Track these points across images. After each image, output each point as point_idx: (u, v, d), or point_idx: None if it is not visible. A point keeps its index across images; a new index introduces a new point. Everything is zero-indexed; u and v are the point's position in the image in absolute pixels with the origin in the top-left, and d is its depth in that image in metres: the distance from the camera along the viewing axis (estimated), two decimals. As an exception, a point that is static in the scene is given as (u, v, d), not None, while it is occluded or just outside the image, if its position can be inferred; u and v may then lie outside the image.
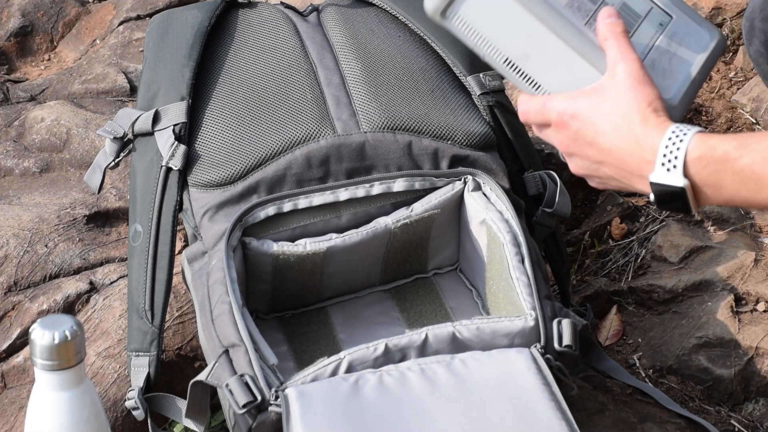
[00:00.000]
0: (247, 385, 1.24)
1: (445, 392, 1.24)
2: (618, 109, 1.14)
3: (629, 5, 1.22)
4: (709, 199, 1.11)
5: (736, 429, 1.52)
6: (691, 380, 1.57)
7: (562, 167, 1.81)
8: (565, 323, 1.31)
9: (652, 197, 1.13)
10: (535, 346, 1.29)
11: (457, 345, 1.30)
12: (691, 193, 1.10)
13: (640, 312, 1.67)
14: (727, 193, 1.10)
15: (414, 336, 1.29)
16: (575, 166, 1.20)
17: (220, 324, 1.31)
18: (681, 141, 1.10)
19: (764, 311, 1.65)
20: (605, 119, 1.14)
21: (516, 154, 1.54)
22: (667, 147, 1.11)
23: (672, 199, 1.11)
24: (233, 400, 1.24)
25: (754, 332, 1.60)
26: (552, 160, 1.82)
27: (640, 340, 1.62)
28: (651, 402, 1.51)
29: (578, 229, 1.80)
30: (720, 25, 2.12)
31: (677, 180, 1.10)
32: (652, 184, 1.12)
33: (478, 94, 1.51)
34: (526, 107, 1.20)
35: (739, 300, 1.66)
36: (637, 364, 1.59)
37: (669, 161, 1.11)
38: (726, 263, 1.70)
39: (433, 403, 1.23)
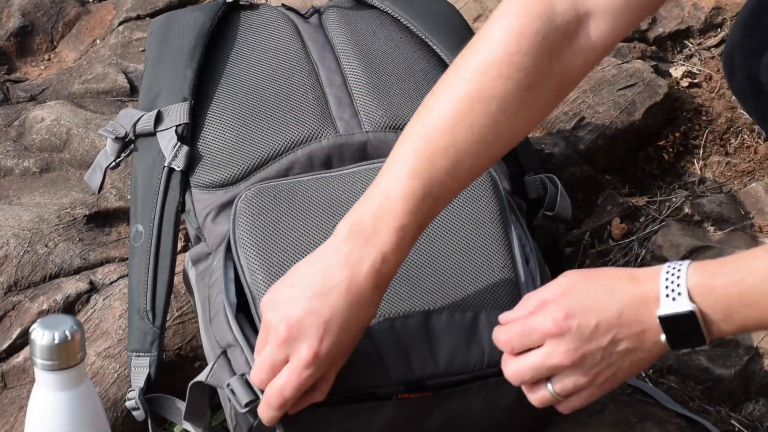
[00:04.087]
0: (248, 383, 1.24)
1: None
2: (601, 282, 1.15)
3: None
4: (720, 327, 1.12)
5: (736, 429, 1.52)
6: (691, 380, 1.57)
7: (561, 169, 1.81)
8: None
9: (663, 338, 1.14)
10: None
11: None
12: (701, 318, 1.11)
13: (640, 312, 1.67)
14: (739, 318, 1.11)
15: None
16: (583, 377, 1.17)
17: (217, 324, 1.32)
18: (679, 271, 1.12)
19: (764, 311, 1.65)
20: (596, 295, 1.15)
21: (516, 156, 1.54)
22: (667, 279, 1.12)
23: (684, 330, 1.12)
24: (235, 400, 1.24)
25: (754, 332, 1.60)
26: (552, 160, 1.82)
27: (640, 340, 1.62)
28: (651, 402, 1.50)
29: (578, 229, 1.80)
30: (720, 25, 2.12)
31: (684, 305, 1.11)
32: (661, 319, 1.12)
33: (479, 96, 1.51)
34: (507, 336, 1.18)
35: (739, 300, 1.66)
36: (637, 364, 1.58)
37: (672, 291, 1.12)
38: (726, 263, 1.70)
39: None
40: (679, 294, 1.11)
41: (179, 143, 1.44)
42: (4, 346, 1.55)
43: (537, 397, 1.18)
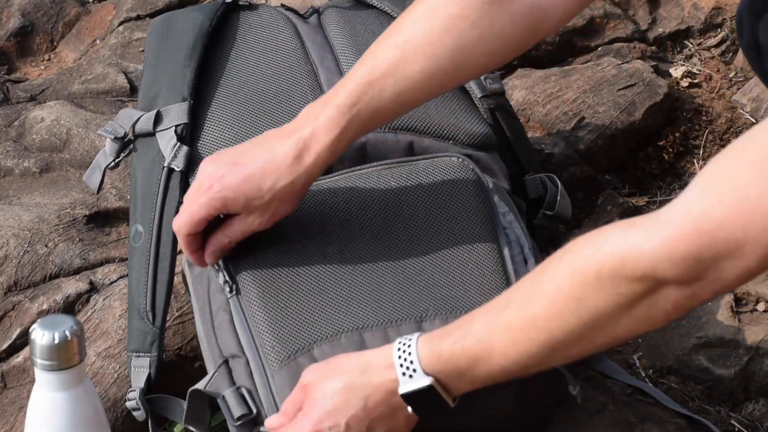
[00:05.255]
0: (243, 397, 1.25)
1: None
2: (338, 380, 1.19)
3: None
4: (458, 387, 1.16)
5: (736, 429, 1.52)
6: (691, 380, 1.57)
7: (561, 169, 1.81)
8: None
9: (410, 409, 1.17)
10: None
11: None
12: (440, 387, 1.15)
13: (640, 312, 1.67)
14: (470, 375, 1.14)
15: None
16: None
17: (222, 333, 1.31)
18: (409, 347, 1.16)
19: (764, 311, 1.65)
20: (337, 394, 1.19)
21: (516, 156, 1.54)
22: (400, 357, 1.16)
23: (427, 401, 1.16)
24: (228, 412, 1.24)
25: (754, 332, 1.60)
26: (552, 160, 1.82)
27: (639, 340, 1.62)
28: (651, 402, 1.50)
29: (578, 229, 1.80)
30: (720, 25, 2.12)
31: (422, 381, 1.15)
32: (403, 396, 1.16)
33: (478, 96, 1.52)
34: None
35: (739, 300, 1.66)
36: (637, 364, 1.59)
37: (407, 368, 1.15)
38: (726, 263, 1.70)
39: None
40: (414, 371, 1.15)
41: (179, 143, 1.44)
42: (4, 346, 1.55)
43: None
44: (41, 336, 1.17)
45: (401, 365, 1.16)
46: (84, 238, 1.68)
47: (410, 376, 1.15)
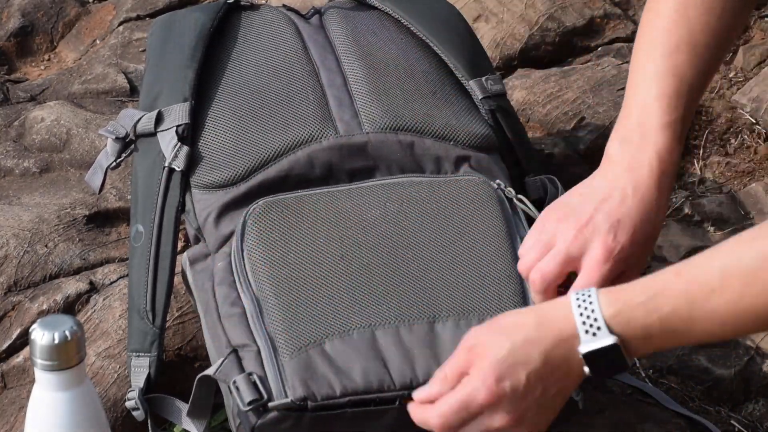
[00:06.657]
0: (254, 383, 1.25)
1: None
2: (511, 335, 1.13)
3: None
4: (639, 350, 1.12)
5: (736, 429, 1.52)
6: (691, 380, 1.57)
7: (561, 170, 1.81)
8: None
9: (587, 370, 1.13)
10: None
11: None
12: (623, 347, 1.11)
13: (641, 312, 1.67)
14: (659, 343, 1.12)
15: None
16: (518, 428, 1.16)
17: (231, 325, 1.32)
18: (591, 303, 1.12)
19: (764, 311, 1.65)
20: (514, 348, 1.13)
21: (517, 158, 1.54)
22: (582, 315, 1.12)
23: (608, 361, 1.12)
24: (239, 397, 1.24)
25: (753, 334, 1.61)
26: (552, 160, 1.82)
27: (639, 340, 1.62)
28: (651, 402, 1.51)
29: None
30: (720, 26, 2.12)
31: (606, 339, 1.11)
32: (585, 355, 1.12)
33: (480, 98, 1.52)
34: (441, 418, 1.16)
35: (739, 300, 1.66)
36: (637, 364, 1.59)
37: (590, 326, 1.11)
38: (726, 263, 1.70)
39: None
40: (598, 329, 1.11)
41: (179, 143, 1.44)
42: (4, 346, 1.55)
43: None
44: (41, 336, 1.17)
45: (583, 322, 1.11)
46: (84, 238, 1.68)
47: (594, 333, 1.11)
